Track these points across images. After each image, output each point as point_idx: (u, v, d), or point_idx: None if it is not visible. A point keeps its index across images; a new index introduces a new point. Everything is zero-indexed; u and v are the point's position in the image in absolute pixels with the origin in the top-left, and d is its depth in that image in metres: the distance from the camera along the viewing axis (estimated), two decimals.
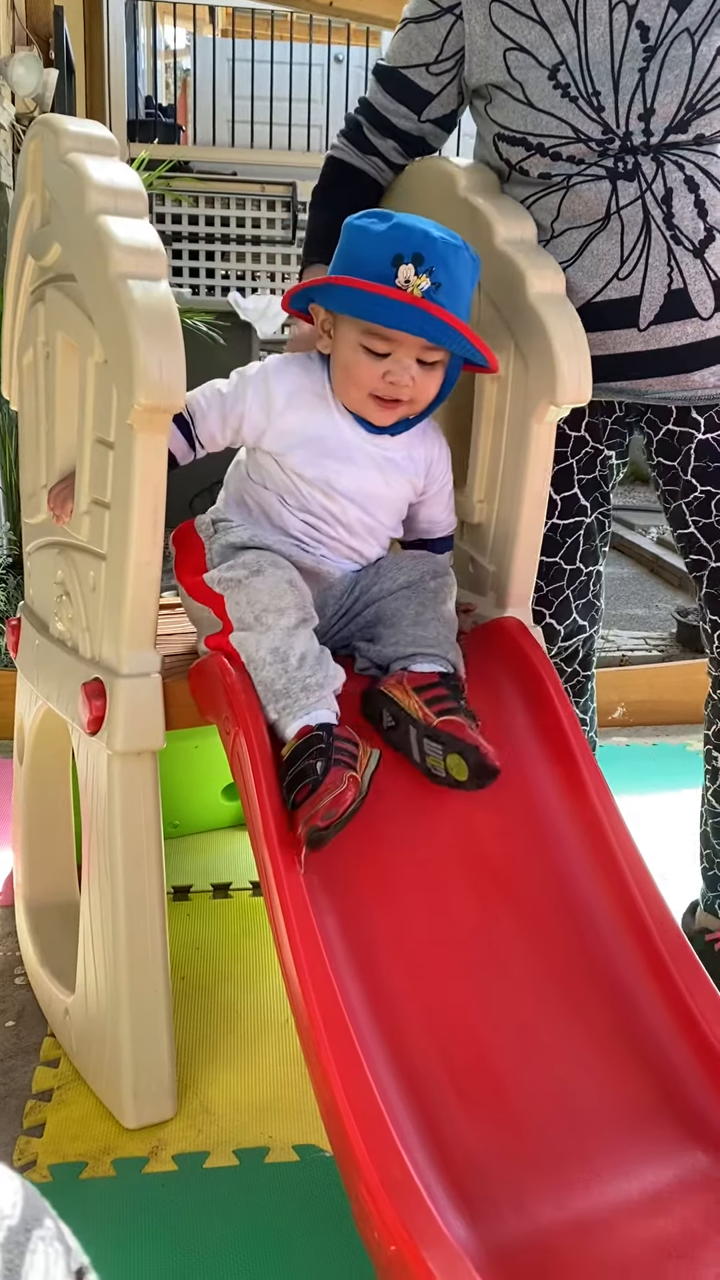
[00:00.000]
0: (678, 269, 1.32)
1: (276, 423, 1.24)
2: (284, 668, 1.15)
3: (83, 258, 1.14)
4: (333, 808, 1.04)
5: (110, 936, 1.23)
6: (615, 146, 1.30)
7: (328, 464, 1.25)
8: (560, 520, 1.48)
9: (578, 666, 1.61)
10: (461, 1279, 0.83)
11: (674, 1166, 1.00)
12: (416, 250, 1.13)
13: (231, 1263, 1.07)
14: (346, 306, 1.18)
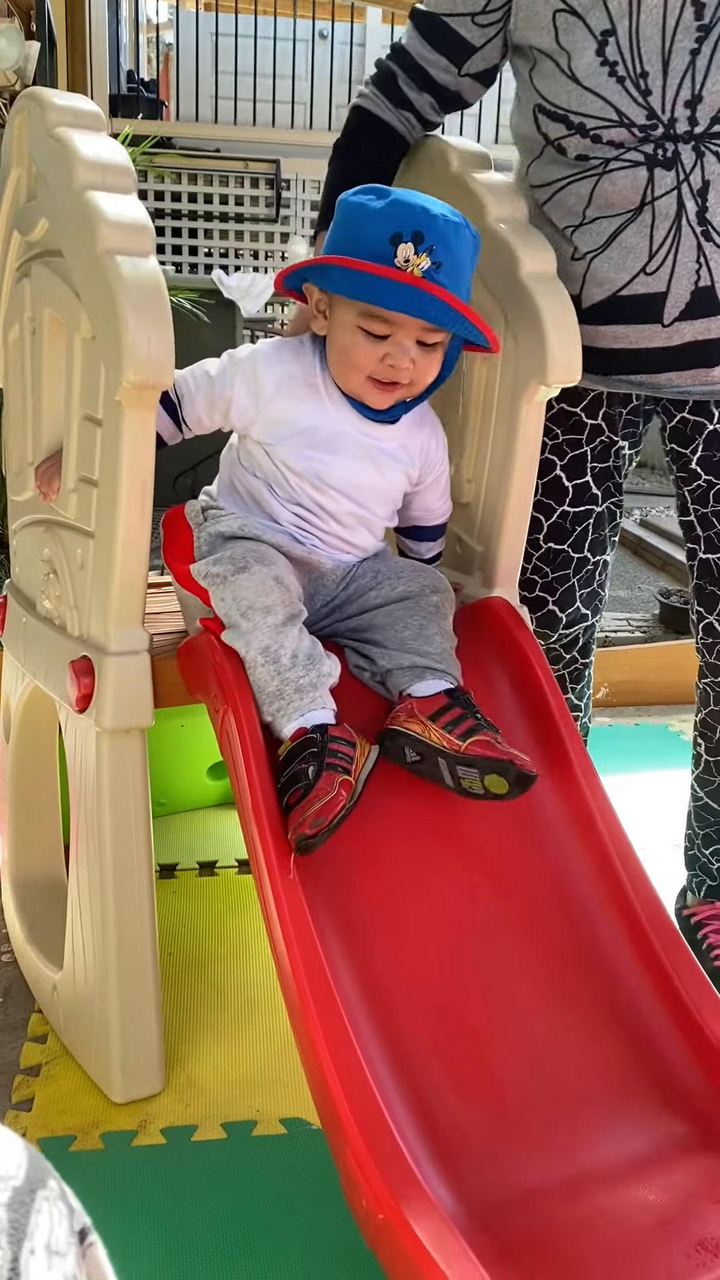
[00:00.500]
0: (706, 266, 1.28)
1: (265, 410, 1.22)
2: (276, 669, 1.13)
3: (70, 233, 1.14)
4: (321, 815, 1.03)
5: (99, 912, 1.23)
6: (658, 133, 1.25)
7: (318, 456, 1.22)
8: (571, 508, 1.47)
9: (576, 654, 1.60)
10: (449, 1246, 0.85)
11: (655, 1136, 1.02)
12: (416, 228, 1.10)
13: (219, 1233, 1.08)
14: (343, 288, 1.14)
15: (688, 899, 1.59)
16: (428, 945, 1.11)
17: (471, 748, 1.10)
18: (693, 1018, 1.09)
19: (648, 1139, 1.02)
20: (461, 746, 1.11)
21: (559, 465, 1.46)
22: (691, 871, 1.58)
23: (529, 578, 1.49)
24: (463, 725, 1.12)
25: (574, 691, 1.63)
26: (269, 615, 1.14)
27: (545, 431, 1.41)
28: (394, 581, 1.27)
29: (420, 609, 1.25)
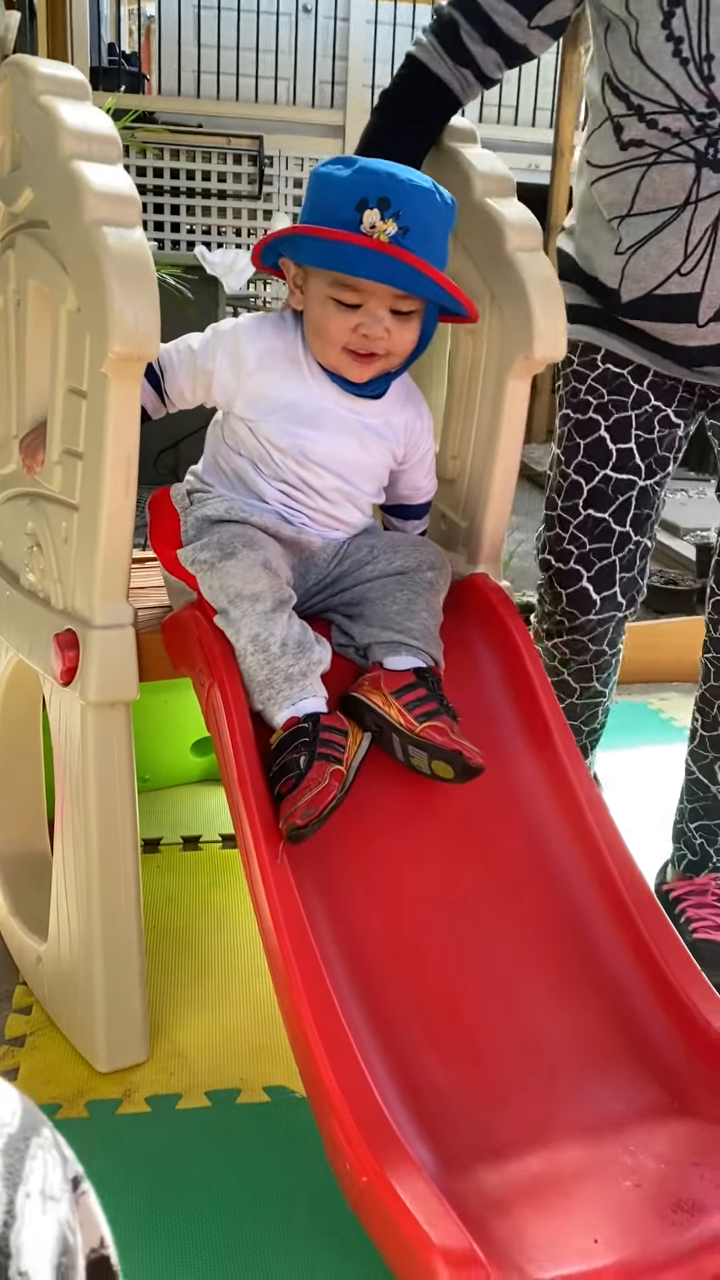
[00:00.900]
0: None
1: (247, 384, 1.21)
2: (265, 657, 1.12)
3: (56, 204, 1.13)
4: (312, 806, 1.04)
5: (83, 885, 1.24)
6: (715, 124, 1.23)
7: (301, 432, 1.22)
8: (614, 473, 1.39)
9: (605, 646, 1.49)
10: (431, 1208, 0.86)
11: (632, 1101, 1.04)
12: (382, 194, 1.09)
13: (204, 1199, 1.09)
14: (313, 257, 1.14)
15: (668, 874, 1.61)
16: (411, 916, 1.12)
17: (426, 731, 1.12)
18: (671, 987, 1.11)
19: (624, 1104, 1.04)
20: (417, 728, 1.12)
21: (604, 425, 1.40)
22: (676, 846, 1.60)
23: (564, 548, 1.42)
24: (423, 707, 1.13)
25: (600, 680, 1.54)
26: (257, 603, 1.13)
27: (590, 391, 1.40)
28: (390, 556, 1.27)
29: (412, 584, 1.25)
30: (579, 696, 1.56)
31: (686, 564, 3.48)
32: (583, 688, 1.55)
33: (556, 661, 1.53)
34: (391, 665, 1.18)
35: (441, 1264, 0.83)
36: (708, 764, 1.51)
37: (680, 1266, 0.88)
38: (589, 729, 1.61)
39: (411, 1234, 0.85)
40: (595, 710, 1.59)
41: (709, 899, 1.52)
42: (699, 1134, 1.01)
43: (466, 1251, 0.84)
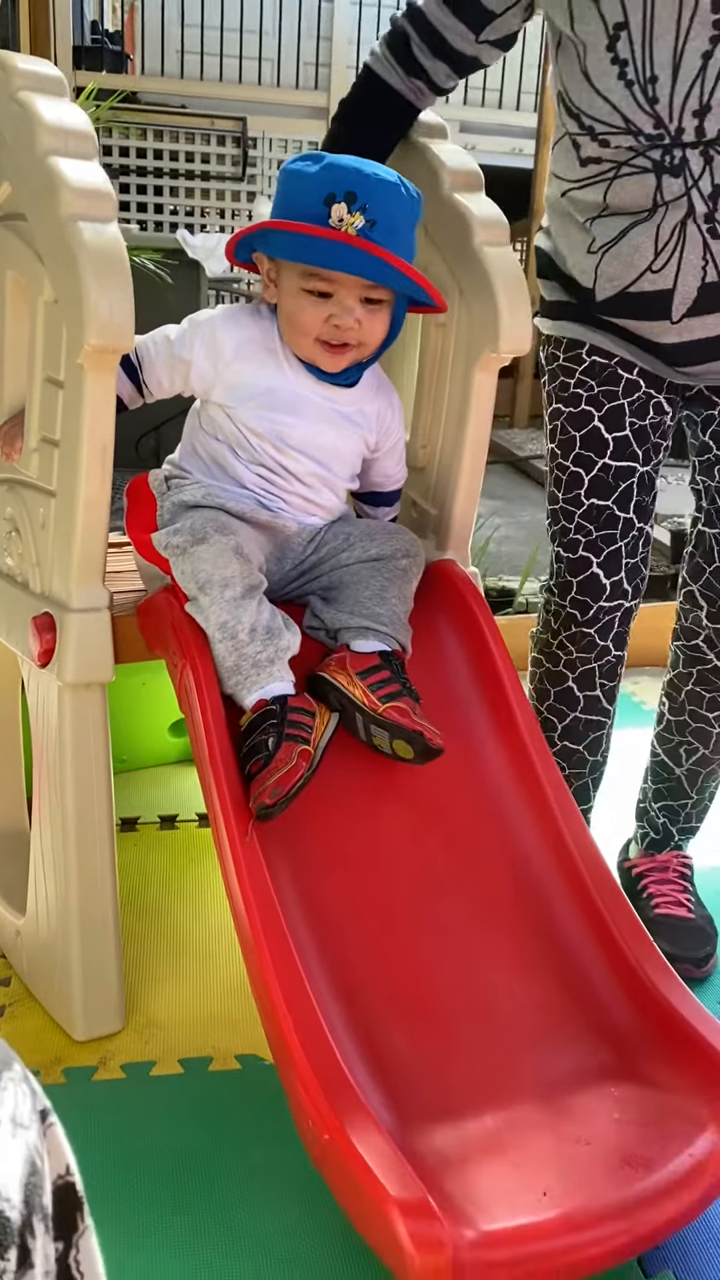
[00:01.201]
0: (713, 262, 1.29)
1: (225, 373, 1.24)
2: (234, 644, 1.16)
3: (33, 197, 1.16)
4: (280, 785, 1.08)
5: (61, 861, 1.28)
6: (665, 141, 1.25)
7: (279, 418, 1.25)
8: (613, 461, 1.40)
9: (611, 643, 1.45)
10: (390, 1163, 0.91)
11: (585, 1064, 1.09)
12: (348, 188, 1.14)
13: (175, 1159, 1.14)
14: (283, 250, 1.18)
15: (631, 851, 1.66)
16: (375, 889, 1.17)
17: (389, 711, 1.16)
18: (625, 959, 1.15)
19: (577, 1068, 1.09)
20: (380, 708, 1.16)
21: (597, 416, 1.40)
22: (639, 824, 1.65)
23: (572, 538, 1.42)
24: (387, 688, 1.17)
25: (605, 693, 1.48)
26: (227, 589, 1.16)
27: (580, 384, 1.40)
28: (366, 543, 1.30)
29: (387, 571, 1.28)
30: (583, 709, 1.49)
31: (661, 549, 3.53)
32: (587, 698, 1.49)
33: (560, 665, 1.47)
34: (358, 648, 1.22)
35: (398, 1215, 0.87)
36: (673, 747, 1.56)
37: (622, 1219, 0.93)
38: (593, 758, 1.54)
39: (370, 1187, 0.90)
40: (599, 737, 1.52)
41: (670, 875, 1.57)
42: (647, 1098, 1.06)
43: (422, 1203, 0.88)
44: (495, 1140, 1.00)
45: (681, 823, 1.60)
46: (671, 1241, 1.04)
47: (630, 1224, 0.93)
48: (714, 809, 1.67)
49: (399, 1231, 0.87)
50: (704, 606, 1.47)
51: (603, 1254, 0.93)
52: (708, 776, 1.55)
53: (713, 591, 1.46)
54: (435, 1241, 0.86)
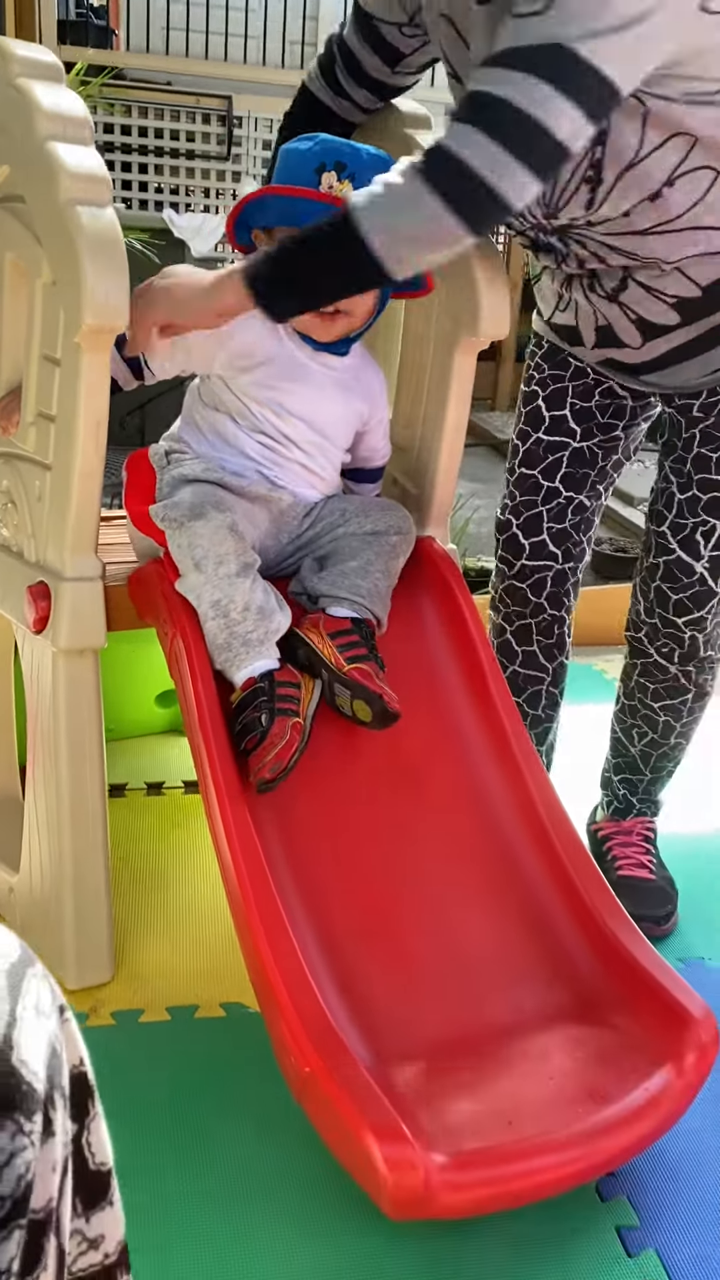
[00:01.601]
0: (598, 311, 1.39)
1: (228, 345, 1.27)
2: (226, 622, 1.20)
3: (31, 181, 1.20)
4: (278, 760, 1.14)
5: (55, 821, 1.34)
6: (518, 224, 1.34)
7: (279, 385, 1.29)
8: (545, 436, 1.51)
9: (545, 601, 1.58)
10: (365, 1094, 0.98)
11: (548, 1006, 1.16)
12: (338, 159, 1.21)
13: (162, 1099, 1.20)
14: (275, 218, 1.23)
15: (597, 815, 1.73)
16: (354, 844, 1.24)
17: (352, 672, 1.22)
18: (587, 909, 1.23)
19: (541, 1010, 1.16)
20: (345, 668, 1.22)
21: (541, 396, 1.52)
22: (604, 792, 1.72)
23: (503, 502, 1.58)
24: (353, 650, 1.23)
25: (542, 650, 1.61)
26: (221, 565, 1.21)
27: (535, 366, 1.54)
28: (361, 519, 1.35)
29: (376, 545, 1.34)
30: (521, 664, 1.62)
31: (637, 532, 3.60)
32: (525, 652, 1.61)
33: (500, 618, 1.62)
34: (333, 612, 1.28)
35: (373, 1140, 0.94)
36: (627, 728, 1.63)
37: (581, 1146, 1.01)
38: (533, 712, 1.65)
39: (348, 1116, 0.97)
40: (536, 692, 1.64)
41: (634, 839, 1.65)
42: (607, 1038, 1.13)
43: (395, 1129, 0.95)
44: (464, 1075, 1.08)
45: (640, 794, 1.67)
46: (626, 1169, 1.12)
47: (588, 1150, 1.01)
48: (685, 773, 1.74)
49: (374, 1155, 0.94)
50: (641, 601, 1.53)
51: (562, 1177, 1.01)
52: (659, 758, 1.62)
53: (646, 587, 1.51)
54: (408, 1164, 0.93)
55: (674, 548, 1.46)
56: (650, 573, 1.50)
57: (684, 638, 1.49)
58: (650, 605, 1.51)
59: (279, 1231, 1.04)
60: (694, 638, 1.49)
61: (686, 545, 1.45)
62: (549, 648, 1.63)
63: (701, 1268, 1.03)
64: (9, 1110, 0.45)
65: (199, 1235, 1.03)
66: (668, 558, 1.47)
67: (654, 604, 1.50)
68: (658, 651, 1.52)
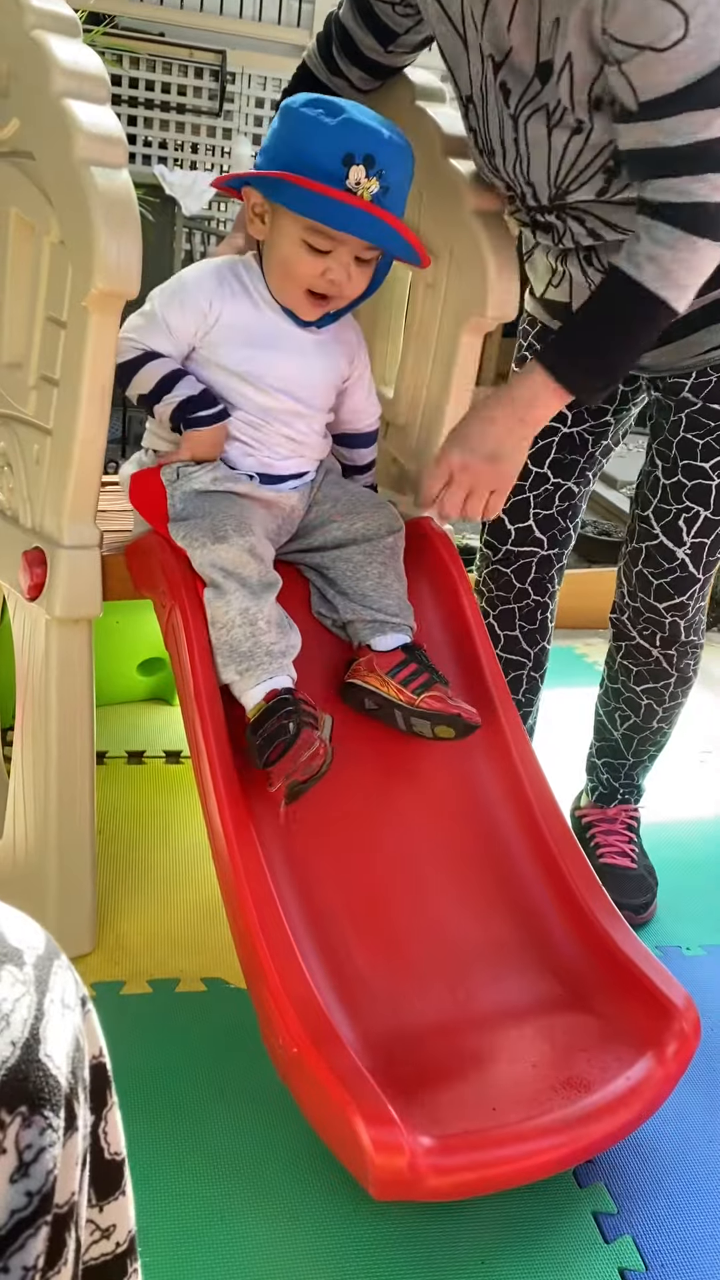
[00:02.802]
0: (594, 286, 1.32)
1: (208, 320, 1.25)
2: (252, 630, 1.18)
3: (43, 138, 1.17)
4: (311, 762, 1.11)
5: (41, 789, 1.32)
6: (518, 202, 1.33)
7: (256, 354, 1.26)
8: None
9: (529, 586, 1.59)
10: (352, 1075, 0.98)
11: (533, 994, 1.17)
12: (369, 151, 1.14)
13: (143, 1071, 1.20)
14: (293, 203, 1.18)
15: (581, 801, 1.74)
16: (345, 828, 1.23)
17: (426, 702, 1.22)
18: (575, 900, 1.24)
19: (527, 997, 1.17)
20: (416, 701, 1.22)
21: None
22: (589, 777, 1.73)
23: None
24: (417, 680, 1.23)
25: (524, 635, 1.63)
26: (246, 582, 1.19)
27: (529, 347, 1.54)
28: (351, 518, 1.33)
29: (378, 555, 1.32)
30: (503, 649, 1.63)
31: (621, 515, 3.61)
32: (507, 637, 1.62)
33: (484, 602, 1.62)
34: (379, 646, 1.27)
35: (360, 1122, 0.95)
36: (609, 712, 1.64)
37: (562, 1133, 1.02)
38: (514, 696, 1.63)
39: (335, 1097, 0.97)
40: (518, 676, 1.65)
41: (617, 827, 1.66)
42: (590, 1026, 1.15)
43: (382, 1112, 0.96)
44: (449, 1059, 1.08)
45: (623, 779, 1.68)
46: (604, 1156, 1.13)
47: (571, 1137, 1.02)
48: (666, 765, 1.76)
49: (361, 1137, 0.94)
50: (624, 584, 1.53)
51: (544, 1163, 1.02)
52: (641, 742, 1.64)
53: (627, 570, 1.52)
54: (394, 1146, 0.94)
55: (657, 533, 1.46)
56: (633, 557, 1.51)
57: (665, 622, 1.50)
58: (633, 589, 1.51)
59: (260, 1210, 1.05)
60: (675, 623, 1.50)
61: (669, 531, 1.46)
62: (531, 633, 1.64)
63: (678, 1254, 1.05)
64: (38, 1106, 0.45)
65: (178, 1214, 1.03)
66: (650, 543, 1.47)
67: (636, 588, 1.51)
68: (640, 635, 1.53)
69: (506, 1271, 1.01)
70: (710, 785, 2.05)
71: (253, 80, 6.98)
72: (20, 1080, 0.45)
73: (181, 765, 1.85)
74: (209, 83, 6.98)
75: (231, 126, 6.95)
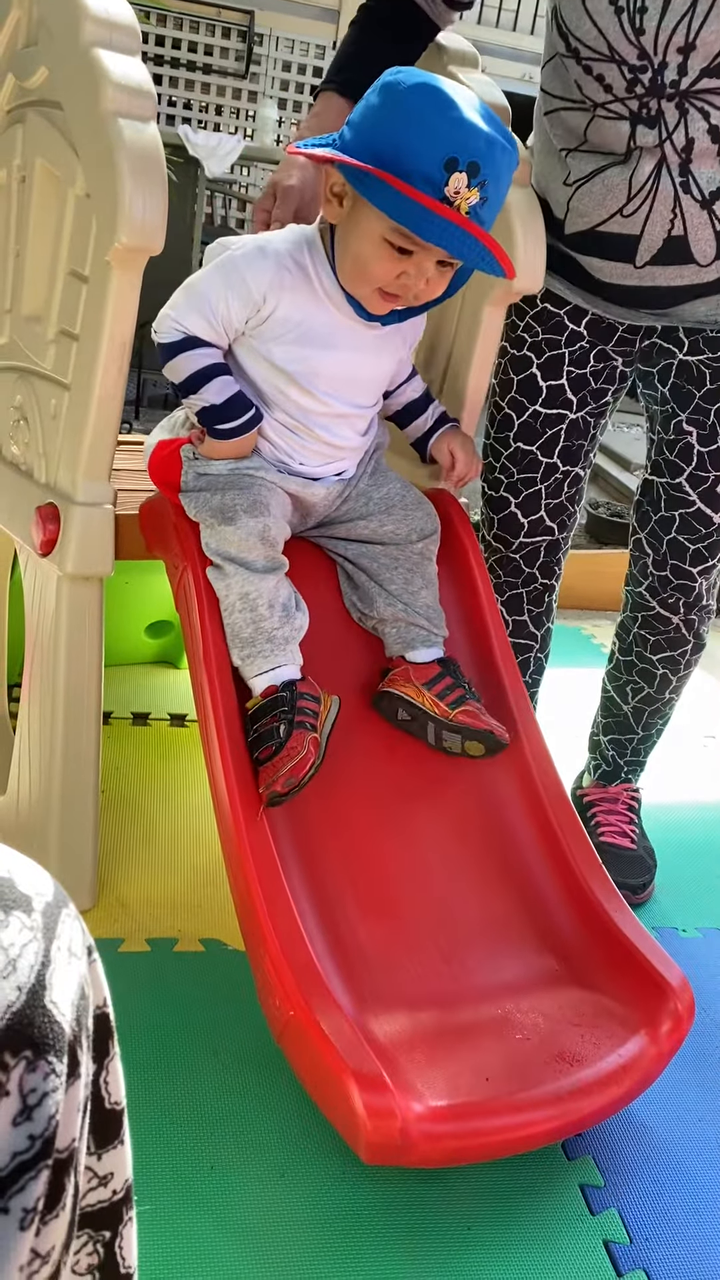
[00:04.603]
0: (681, 216, 1.29)
1: (263, 311, 1.18)
2: (253, 616, 1.16)
3: (72, 88, 1.16)
4: (293, 774, 1.10)
5: (47, 745, 1.33)
6: (646, 78, 1.23)
7: (310, 353, 1.19)
8: (543, 409, 1.46)
9: (537, 571, 1.56)
10: (348, 1039, 0.99)
11: (529, 969, 1.18)
12: (473, 158, 1.03)
13: (140, 1028, 1.21)
14: (383, 202, 1.06)
15: (583, 780, 1.74)
16: (348, 800, 1.23)
17: (459, 716, 1.23)
18: (574, 877, 1.24)
19: (523, 971, 1.17)
20: (451, 714, 1.23)
21: (536, 363, 1.45)
22: (591, 755, 1.73)
23: (495, 476, 1.52)
24: (453, 695, 1.24)
25: (532, 619, 1.61)
26: (250, 564, 1.17)
27: (526, 329, 1.45)
28: (383, 517, 1.30)
29: (406, 559, 1.30)
30: (511, 633, 1.60)
31: (632, 497, 3.59)
32: (515, 621, 1.60)
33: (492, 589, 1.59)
34: (415, 659, 1.27)
35: (355, 1086, 0.95)
36: (620, 685, 1.63)
37: (553, 1106, 1.02)
38: (521, 678, 1.61)
39: (330, 1061, 0.98)
40: (526, 659, 1.63)
41: (619, 807, 1.66)
42: (584, 1000, 1.15)
43: (377, 1077, 0.96)
44: (444, 1030, 1.09)
45: (629, 756, 1.68)
46: (594, 1131, 1.14)
47: (560, 1111, 1.03)
48: (669, 748, 1.76)
49: (354, 1101, 0.95)
50: (649, 554, 1.52)
51: (533, 1135, 1.02)
52: (652, 714, 1.63)
53: (656, 540, 1.50)
54: (387, 1112, 0.95)
55: (694, 500, 1.45)
56: (663, 525, 1.49)
57: (695, 587, 1.50)
58: (662, 558, 1.50)
59: (249, 1167, 1.06)
60: (703, 585, 1.50)
61: (708, 497, 1.44)
62: (539, 616, 1.63)
63: (662, 1228, 1.05)
64: (42, 1051, 0.45)
65: (168, 1170, 1.04)
66: (686, 510, 1.46)
67: (666, 556, 1.49)
68: (662, 604, 1.52)
69: (492, 1239, 1.02)
70: (712, 770, 2.06)
71: (280, 43, 6.91)
72: (25, 1025, 0.45)
73: (186, 729, 1.86)
74: (236, 43, 6.91)
75: (257, 90, 6.90)
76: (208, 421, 1.20)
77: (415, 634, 1.28)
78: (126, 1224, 0.58)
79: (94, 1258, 0.56)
